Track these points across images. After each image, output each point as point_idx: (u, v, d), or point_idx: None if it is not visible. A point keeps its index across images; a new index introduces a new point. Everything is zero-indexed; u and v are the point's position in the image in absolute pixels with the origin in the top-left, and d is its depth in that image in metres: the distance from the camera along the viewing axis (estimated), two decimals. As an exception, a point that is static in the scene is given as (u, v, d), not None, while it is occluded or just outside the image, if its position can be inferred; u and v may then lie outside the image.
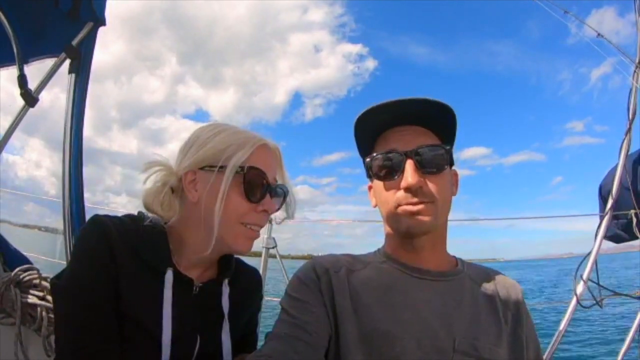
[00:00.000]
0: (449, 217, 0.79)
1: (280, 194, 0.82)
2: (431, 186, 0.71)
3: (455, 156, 0.79)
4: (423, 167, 0.70)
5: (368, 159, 0.77)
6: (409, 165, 0.69)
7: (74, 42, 1.42)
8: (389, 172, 0.73)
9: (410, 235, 0.72)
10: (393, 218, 0.73)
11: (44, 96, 1.46)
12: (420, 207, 0.70)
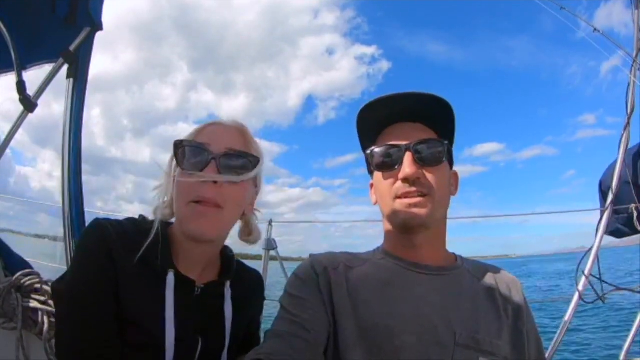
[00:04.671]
0: (458, 215, 0.79)
1: (234, 161, 0.75)
2: (429, 179, 0.72)
3: (468, 152, 0.82)
4: (421, 160, 0.72)
5: (368, 152, 0.78)
6: (408, 157, 0.71)
7: (72, 47, 1.43)
8: (388, 165, 0.75)
9: (407, 227, 0.73)
10: (390, 210, 0.74)
11: (56, 107, 1.47)
12: (417, 199, 0.71)
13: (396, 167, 0.73)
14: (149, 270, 0.71)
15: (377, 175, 0.78)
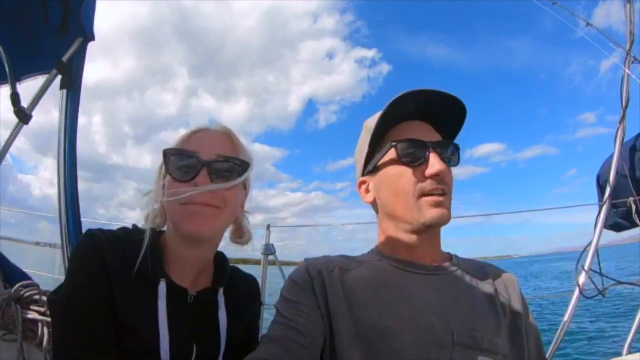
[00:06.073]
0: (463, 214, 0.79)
1: (225, 166, 0.76)
2: (450, 178, 0.73)
3: (469, 153, 0.82)
4: (444, 159, 0.72)
5: (394, 143, 0.73)
6: (435, 154, 0.71)
7: (64, 58, 1.43)
8: (411, 160, 0.72)
9: (428, 226, 0.71)
10: (412, 208, 0.71)
11: (56, 114, 1.47)
12: (442, 197, 0.71)
13: (420, 163, 0.71)
14: (142, 279, 0.72)
15: (394, 169, 0.74)
